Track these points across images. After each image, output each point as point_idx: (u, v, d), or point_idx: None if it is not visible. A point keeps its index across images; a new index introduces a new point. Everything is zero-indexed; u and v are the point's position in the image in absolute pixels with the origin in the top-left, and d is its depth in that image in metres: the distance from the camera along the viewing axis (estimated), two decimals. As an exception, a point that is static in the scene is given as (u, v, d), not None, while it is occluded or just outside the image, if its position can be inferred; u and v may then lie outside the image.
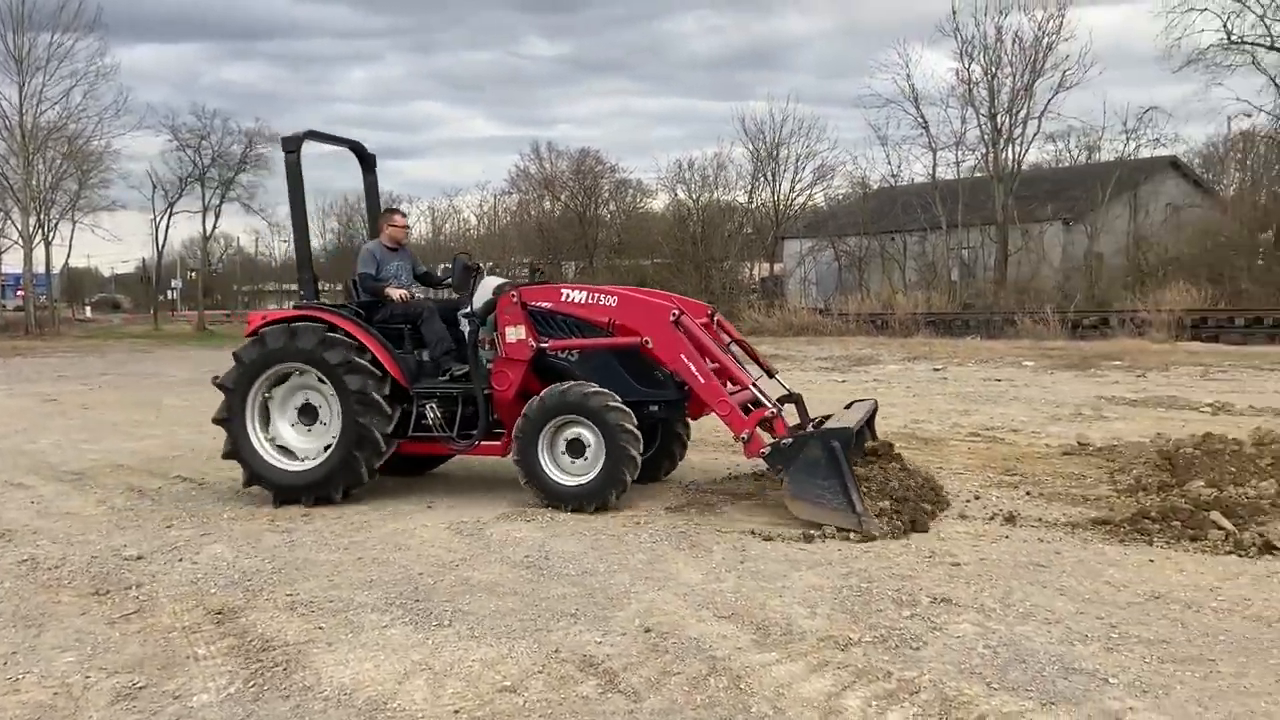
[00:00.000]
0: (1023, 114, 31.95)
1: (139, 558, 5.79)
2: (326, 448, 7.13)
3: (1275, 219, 26.00)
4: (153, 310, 46.87)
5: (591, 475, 6.59)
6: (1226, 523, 5.65)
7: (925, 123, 34.18)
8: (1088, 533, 5.87)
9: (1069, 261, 32.16)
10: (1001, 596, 4.74)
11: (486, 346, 7.15)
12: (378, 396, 6.94)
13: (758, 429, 6.43)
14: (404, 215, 8.37)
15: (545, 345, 6.93)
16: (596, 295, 6.98)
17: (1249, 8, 28.24)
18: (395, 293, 7.59)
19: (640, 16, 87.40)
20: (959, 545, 5.65)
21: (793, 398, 7.22)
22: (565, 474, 6.68)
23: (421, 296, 8.08)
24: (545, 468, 6.68)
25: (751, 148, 40.56)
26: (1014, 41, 31.38)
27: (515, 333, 6.97)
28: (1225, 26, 28.81)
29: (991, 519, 6.26)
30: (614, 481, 6.54)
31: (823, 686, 3.77)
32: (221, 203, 44.41)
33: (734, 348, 7.43)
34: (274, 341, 7.17)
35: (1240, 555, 5.30)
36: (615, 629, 4.42)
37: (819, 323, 29.39)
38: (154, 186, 43.26)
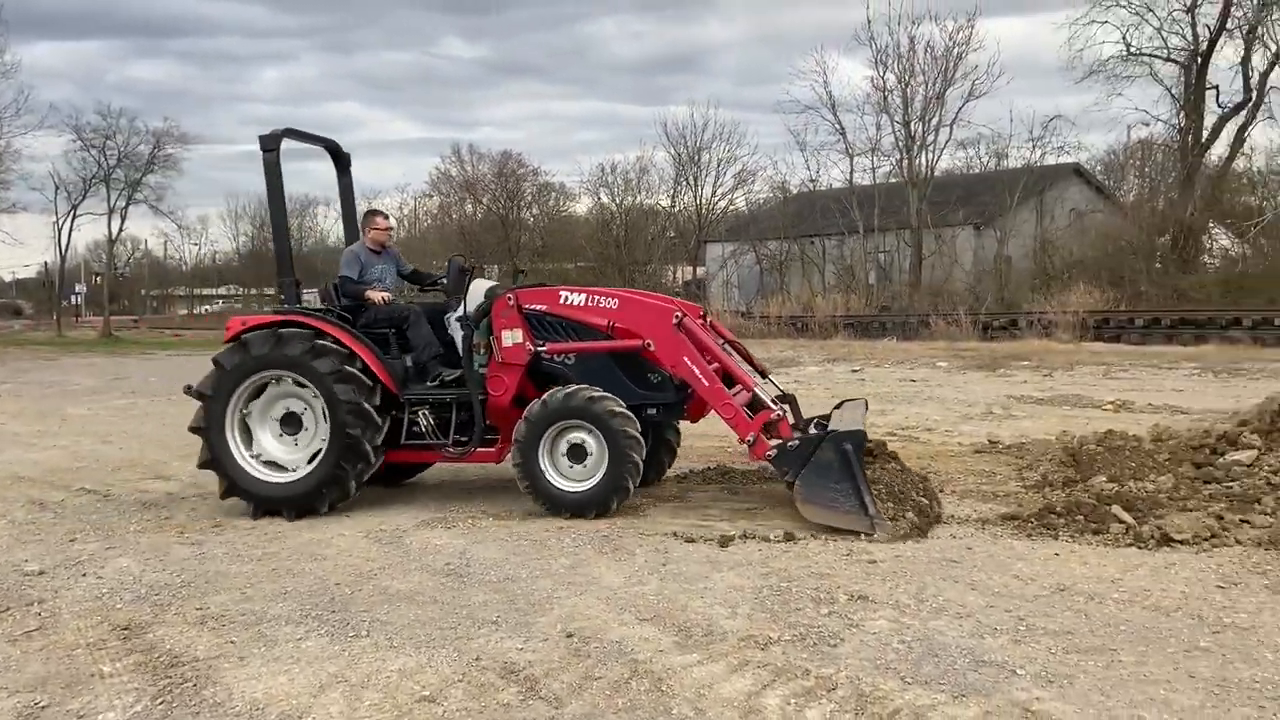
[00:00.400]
0: (935, 121, 32.84)
1: (41, 573, 5.57)
2: (314, 457, 6.88)
3: (1172, 224, 27.12)
4: (55, 316, 45.06)
5: (594, 481, 6.46)
6: (1127, 516, 5.87)
7: (842, 129, 34.87)
8: (998, 528, 6.05)
9: (980, 265, 33.10)
10: (916, 592, 4.85)
11: (481, 351, 6.97)
12: (369, 407, 6.74)
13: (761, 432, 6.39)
14: (386, 216, 8.18)
15: (543, 349, 6.80)
16: (596, 298, 6.89)
17: (1147, 21, 29.49)
18: (376, 295, 7.39)
19: (561, 19, 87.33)
20: (876, 543, 5.77)
21: (786, 399, 7.19)
22: (566, 479, 6.53)
23: (402, 301, 7.90)
24: (546, 473, 6.53)
25: (673, 152, 40.90)
26: (926, 51, 32.26)
27: (512, 336, 6.82)
28: (1125, 39, 30.08)
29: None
30: (617, 488, 6.42)
31: (743, 686, 3.81)
32: (128, 205, 42.89)
33: (726, 348, 7.32)
34: (258, 348, 6.90)
35: (1140, 547, 5.51)
36: (537, 635, 4.40)
37: (741, 325, 29.68)
38: (56, 188, 41.59)
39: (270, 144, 7.30)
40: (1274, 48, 27.49)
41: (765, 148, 76.81)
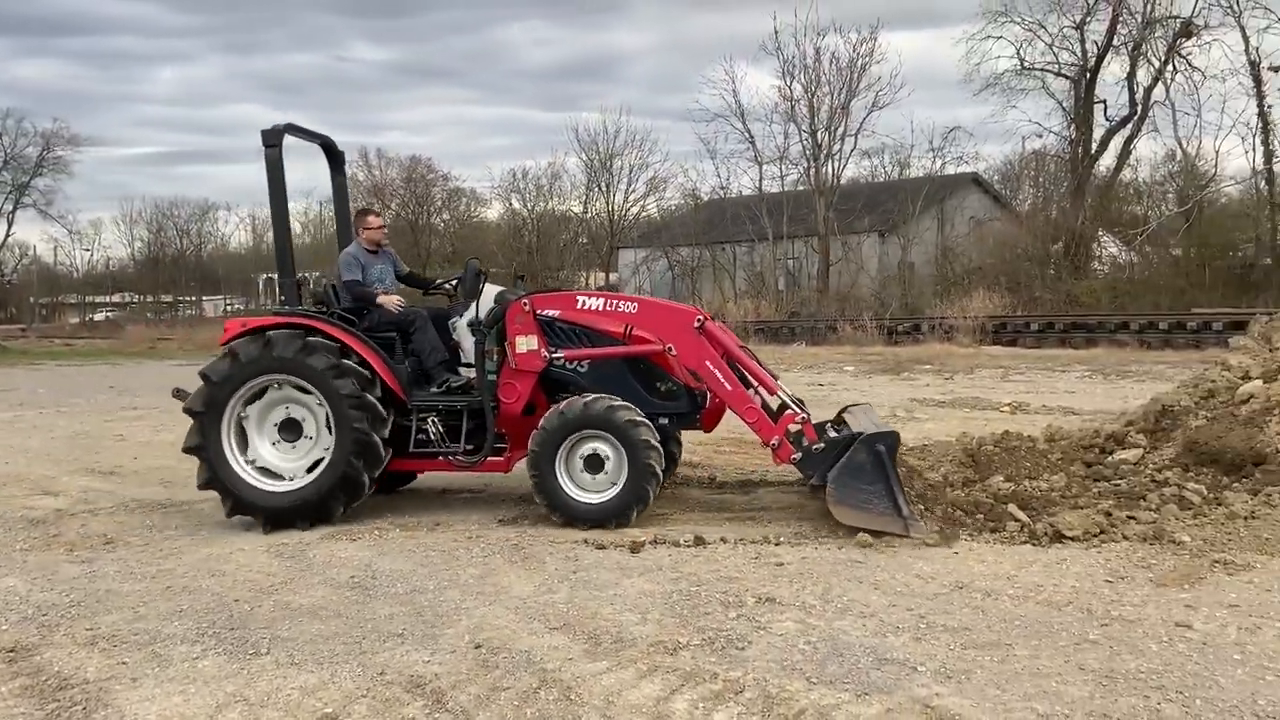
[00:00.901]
0: (840, 131, 33.58)
1: (-87, 598, 5.27)
2: (314, 465, 6.62)
3: (1064, 232, 28.22)
4: (-66, 325, 42.75)
5: (613, 492, 6.32)
6: (1022, 515, 6.08)
7: (751, 137, 35.40)
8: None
9: (884, 271, 33.94)
10: (822, 593, 4.93)
11: (494, 356, 6.79)
12: (371, 399, 6.49)
13: (785, 436, 6.33)
14: (379, 215, 7.95)
15: (559, 356, 6.65)
16: (615, 302, 6.80)
17: (1039, 37, 30.69)
18: (389, 300, 7.19)
19: (470, 25, 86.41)
20: (784, 545, 5.85)
21: (798, 403, 7.03)
22: (583, 491, 6.38)
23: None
24: (563, 485, 6.38)
25: (585, 158, 40.94)
26: (831, 62, 32.96)
27: (526, 343, 6.64)
28: (1019, 54, 31.21)
29: (813, 519, 6.50)
30: (638, 498, 6.30)
31: (652, 692, 3.83)
32: (15, 209, 40.99)
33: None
34: (246, 352, 6.63)
35: (1034, 544, 5.71)
36: (444, 647, 4.34)
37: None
38: (-65, 191, 39.43)
39: (272, 139, 6.99)
40: (1157, 64, 28.91)
41: (676, 155, 77.59)
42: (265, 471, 6.70)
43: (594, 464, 6.35)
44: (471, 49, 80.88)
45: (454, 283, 7.50)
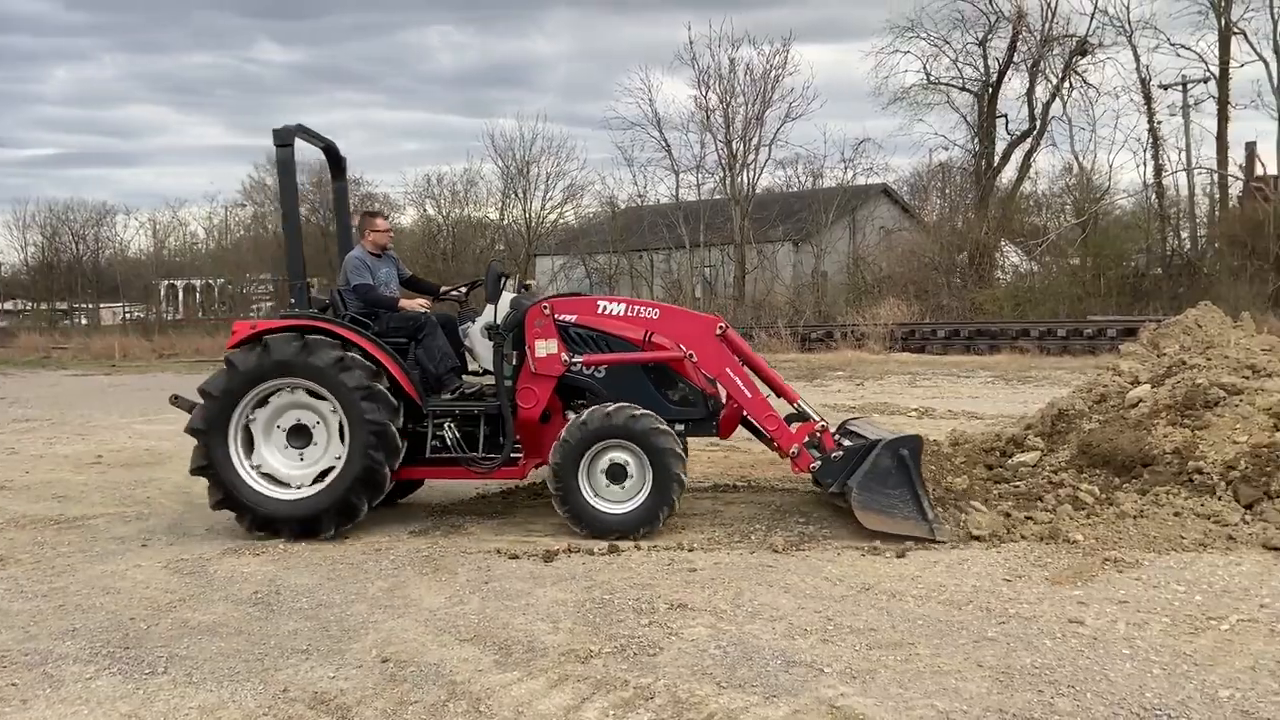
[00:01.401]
0: (755, 141, 34.00)
1: None
2: (322, 474, 6.39)
3: (969, 242, 29.09)
4: None
5: (637, 501, 6.22)
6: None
7: (668, 146, 35.60)
8: (816, 529, 6.29)
9: (799, 279, 34.50)
10: (733, 598, 4.99)
11: (514, 361, 6.66)
12: (381, 388, 6.30)
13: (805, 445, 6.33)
14: (386, 217, 7.72)
15: (579, 360, 6.53)
16: (636, 308, 6.73)
17: (944, 53, 31.61)
18: (410, 304, 7.03)
19: (381, 27, 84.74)
20: (697, 551, 5.89)
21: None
22: (606, 501, 6.27)
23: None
24: (585, 495, 6.25)
25: (502, 165, 40.60)
26: (746, 73, 33.37)
27: (546, 347, 6.51)
28: (925, 69, 32.09)
29: (728, 524, 6.57)
30: (662, 508, 6.22)
31: (563, 701, 3.82)
32: (-105, 210, 38.84)
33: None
34: (280, 352, 6.35)
35: (937, 546, 5.86)
36: (350, 662, 4.26)
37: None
38: None
39: (284, 139, 6.75)
40: (1054, 81, 30.05)
41: (594, 163, 77.61)
42: (270, 478, 6.46)
43: (616, 474, 6.26)
44: (382, 52, 79.53)
45: (464, 288, 7.45)
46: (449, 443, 6.62)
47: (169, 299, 42.88)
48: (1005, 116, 31.63)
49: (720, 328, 6.55)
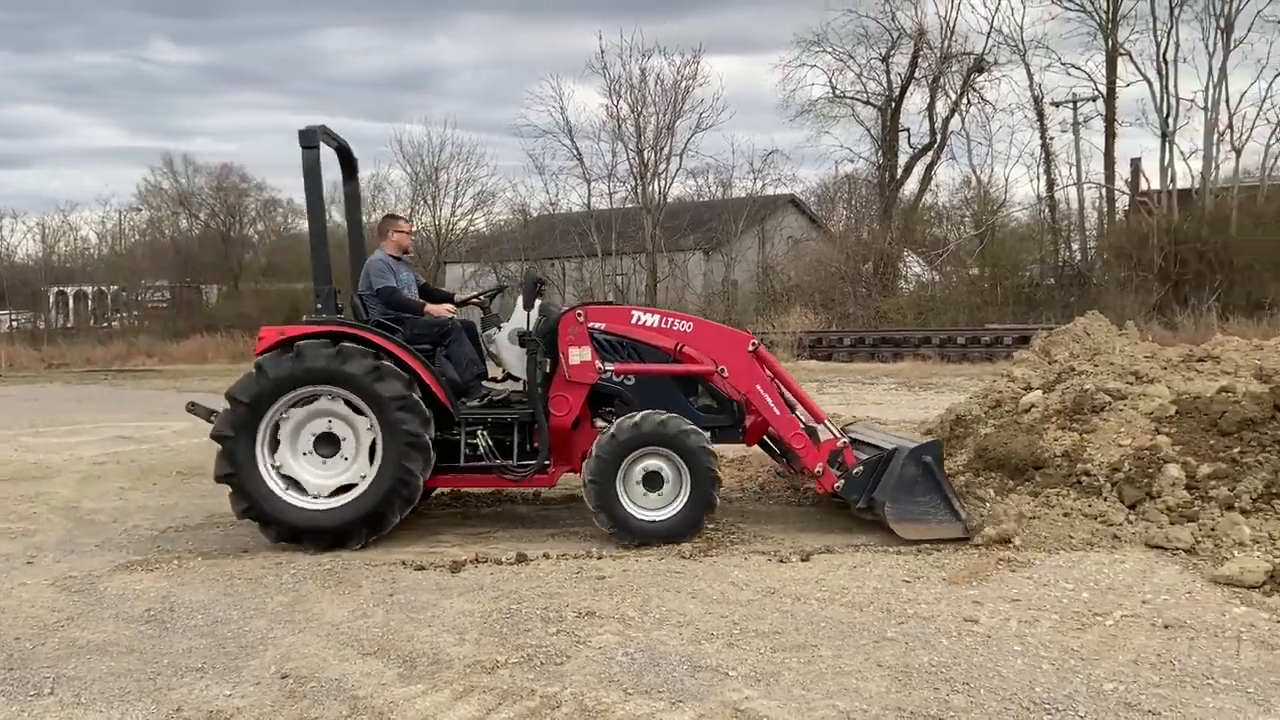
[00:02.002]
0: (666, 151, 34.24)
1: None
2: (341, 489, 6.22)
3: (874, 253, 29.80)
4: None
5: (675, 509, 6.20)
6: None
7: (579, 154, 35.59)
8: (716, 535, 6.35)
9: (709, 287, 34.85)
10: (641, 605, 5.01)
11: (546, 369, 6.58)
12: (417, 398, 6.16)
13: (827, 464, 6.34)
14: (408, 220, 7.54)
15: (611, 369, 6.48)
16: (670, 320, 6.72)
17: (849, 67, 32.37)
18: (437, 309, 6.88)
19: (286, 28, 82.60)
20: (606, 559, 5.90)
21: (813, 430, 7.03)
22: (643, 509, 6.21)
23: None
24: (624, 502, 6.18)
25: (410, 170, 40.04)
26: (656, 83, 33.61)
27: (580, 354, 6.48)
28: (831, 82, 32.82)
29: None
30: (700, 516, 6.23)
31: (468, 712, 3.78)
32: None
33: None
34: (313, 359, 6.14)
35: (836, 552, 5.98)
36: (248, 679, 4.14)
37: (480, 347, 29.52)
38: None
39: (310, 140, 6.52)
40: (953, 96, 31.05)
41: (505, 170, 76.98)
42: (289, 480, 6.26)
43: (652, 482, 6.24)
44: (286, 54, 77.59)
45: (483, 296, 7.38)
46: (481, 450, 6.55)
47: (59, 306, 41.00)
48: (907, 130, 32.58)
49: (753, 344, 6.62)
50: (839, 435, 6.50)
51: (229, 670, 4.24)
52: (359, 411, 6.23)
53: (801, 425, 6.59)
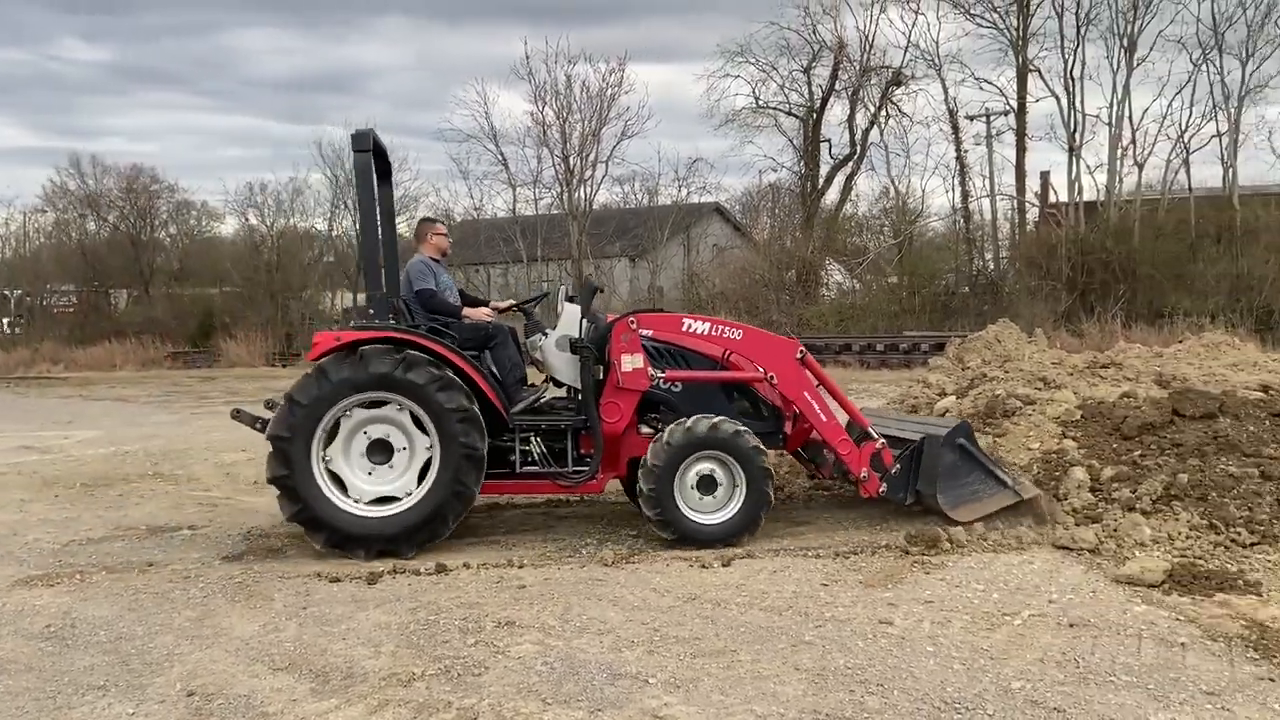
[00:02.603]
0: (592, 157, 34.24)
1: None
2: (380, 500, 6.15)
3: (796, 260, 30.23)
4: None
5: (730, 513, 6.26)
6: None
7: (504, 160, 35.35)
8: (639, 542, 6.37)
9: (635, 294, 34.94)
10: (561, 613, 4.98)
11: (599, 375, 6.59)
12: (477, 411, 6.13)
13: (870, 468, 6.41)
14: (445, 223, 7.34)
15: (662, 376, 6.53)
16: (720, 328, 6.75)
17: (772, 78, 32.78)
18: (476, 313, 6.88)
19: (200, 27, 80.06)
20: (527, 567, 5.86)
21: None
22: (699, 513, 6.25)
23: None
24: (680, 506, 6.21)
25: (331, 174, 39.27)
26: (582, 90, 33.60)
27: (632, 361, 6.51)
28: (754, 93, 33.18)
29: (559, 539, 6.56)
30: (755, 519, 6.28)
31: (382, 727, 3.71)
32: None
33: None
34: (377, 365, 6.06)
35: (756, 557, 6.04)
36: (152, 697, 4.00)
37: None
38: None
39: (363, 144, 6.45)
40: (872, 109, 31.68)
41: (428, 174, 75.95)
42: (334, 477, 6.16)
43: (706, 485, 6.28)
44: (201, 54, 75.27)
45: (529, 302, 7.40)
46: (535, 457, 6.56)
47: (-44, 312, 39.24)
48: (829, 141, 33.10)
49: (800, 352, 6.67)
50: (876, 437, 6.56)
51: (132, 688, 4.09)
52: (422, 427, 6.19)
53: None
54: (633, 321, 6.64)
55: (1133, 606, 4.90)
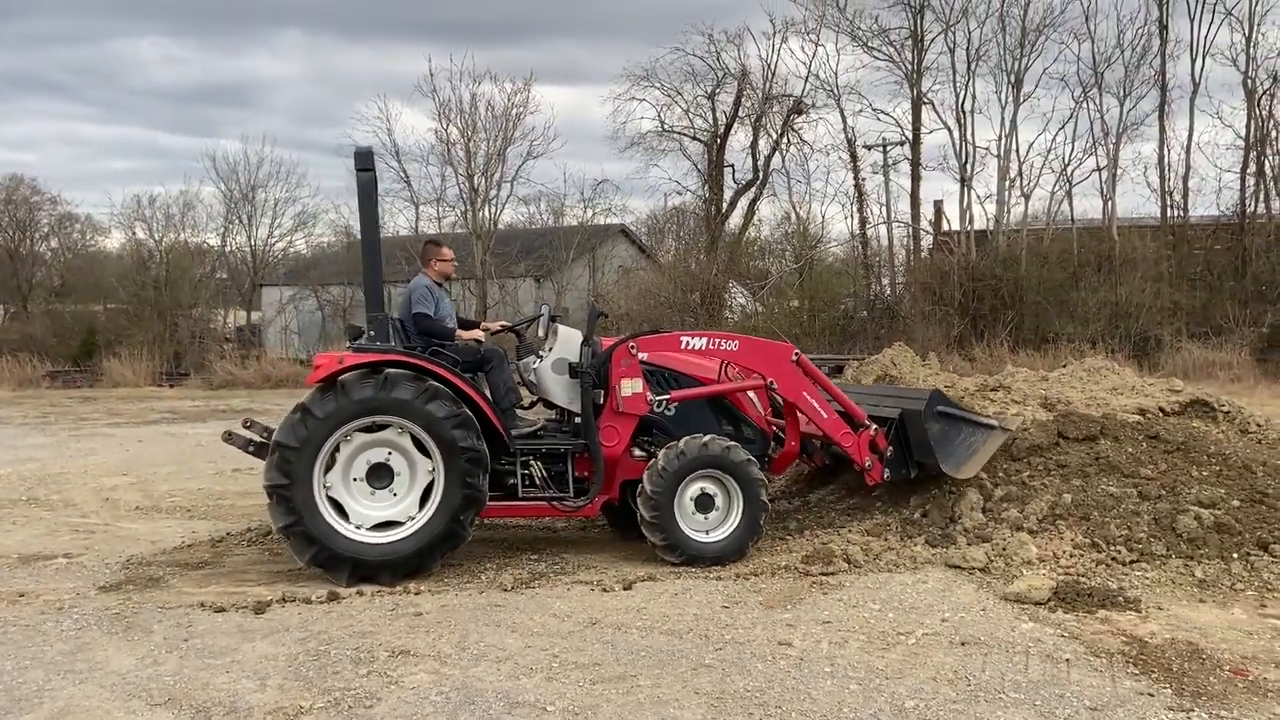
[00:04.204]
0: (497, 177, 34.02)
1: None
2: (384, 524, 6.04)
3: (701, 283, 30.53)
4: None
5: (727, 531, 6.33)
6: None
7: (407, 178, 34.83)
8: (539, 565, 6.28)
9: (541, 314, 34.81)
10: (459, 641, 4.87)
11: (601, 399, 6.58)
12: (484, 451, 6.09)
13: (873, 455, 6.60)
14: (450, 247, 7.35)
15: (665, 398, 6.57)
16: (717, 340, 6.84)
17: (677, 103, 33.16)
18: (469, 335, 6.84)
19: (83, 35, 76.71)
20: (424, 594, 5.72)
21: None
22: (698, 531, 6.31)
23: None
24: (684, 530, 6.25)
25: (224, 188, 38.09)
26: (487, 109, 33.42)
27: (631, 386, 6.54)
28: (659, 117, 33.49)
29: (457, 564, 6.43)
30: (753, 536, 6.39)
31: (267, 764, 3.55)
32: None
33: None
34: (359, 390, 5.97)
35: (658, 580, 6.02)
36: (15, 739, 3.75)
37: (301, 373, 28.32)
38: None
39: (366, 162, 6.42)
40: (774, 136, 32.32)
41: (328, 190, 73.77)
42: (334, 504, 6.02)
43: (703, 504, 6.34)
44: (86, 62, 72.24)
45: (522, 323, 7.46)
46: (536, 480, 6.50)
47: None
48: (732, 166, 33.58)
49: (795, 354, 6.80)
50: (869, 424, 6.70)
51: (-8, 731, 3.84)
52: (424, 451, 6.10)
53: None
54: (633, 346, 6.64)
55: (1020, 624, 5.04)
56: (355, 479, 6.10)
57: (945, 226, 28.76)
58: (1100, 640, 4.78)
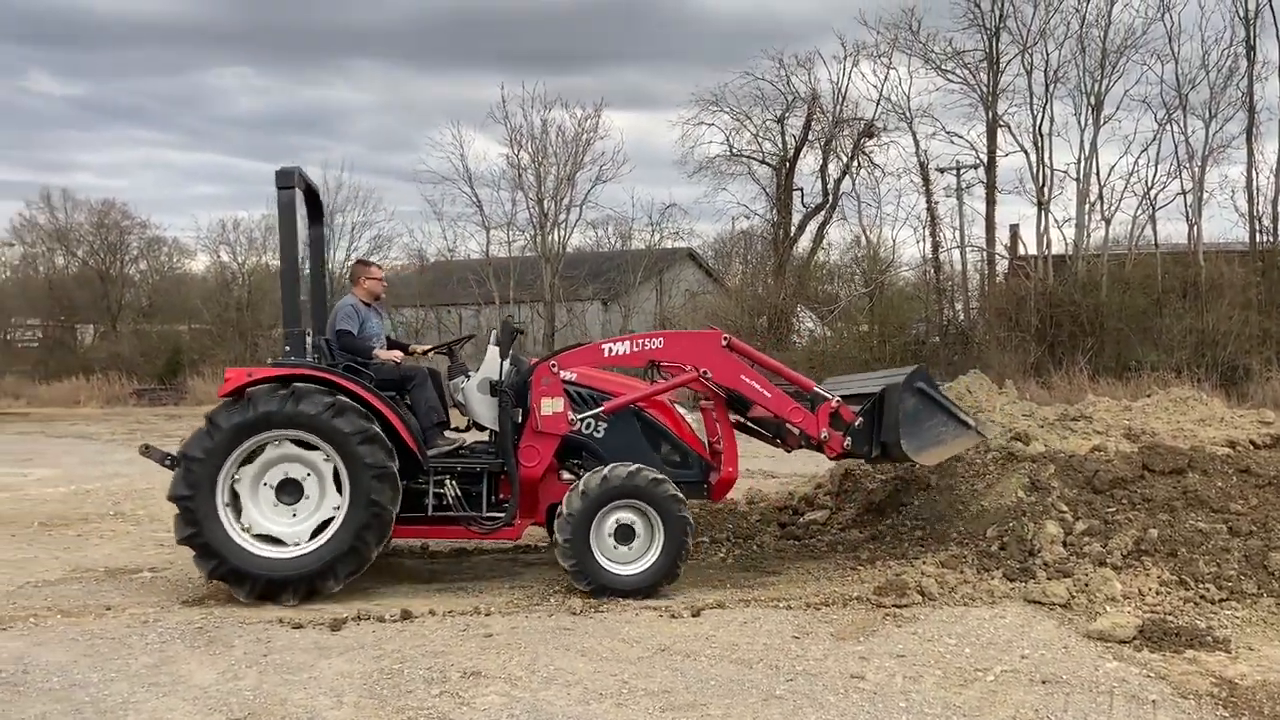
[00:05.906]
0: (566, 201, 34.43)
1: None
2: (318, 529, 6.06)
3: (768, 307, 30.41)
4: None
5: (646, 564, 6.13)
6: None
7: (479, 202, 35.44)
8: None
9: (607, 338, 35.01)
10: (529, 663, 4.89)
11: (518, 419, 6.51)
12: (395, 470, 6.07)
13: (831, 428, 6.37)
14: (380, 266, 7.42)
15: (587, 418, 6.44)
16: (640, 341, 6.73)
17: (745, 127, 33.20)
18: (386, 354, 6.81)
19: (170, 65, 79.47)
20: (494, 615, 5.76)
21: None
22: (616, 563, 6.13)
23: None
24: (596, 555, 6.09)
25: (305, 213, 39.22)
26: (558, 135, 33.87)
27: (552, 405, 6.42)
28: (728, 141, 33.56)
29: (527, 586, 6.47)
30: (671, 572, 6.17)
31: (343, 782, 3.60)
32: None
33: None
34: (265, 403, 6.03)
35: (727, 607, 5.97)
36: (104, 749, 3.87)
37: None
38: None
39: (287, 180, 6.53)
40: (845, 159, 32.12)
41: (402, 215, 75.27)
42: (265, 539, 6.09)
43: (623, 535, 6.15)
44: (173, 91, 74.82)
45: (450, 345, 7.31)
46: (449, 501, 6.42)
47: None
48: (801, 190, 33.45)
49: (725, 339, 6.62)
50: (830, 396, 6.50)
51: (83, 740, 3.96)
52: (309, 447, 6.10)
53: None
54: (554, 365, 6.56)
55: (1104, 663, 4.88)
56: (266, 484, 6.13)
57: (1021, 251, 28.19)
58: (1188, 681, 4.61)
